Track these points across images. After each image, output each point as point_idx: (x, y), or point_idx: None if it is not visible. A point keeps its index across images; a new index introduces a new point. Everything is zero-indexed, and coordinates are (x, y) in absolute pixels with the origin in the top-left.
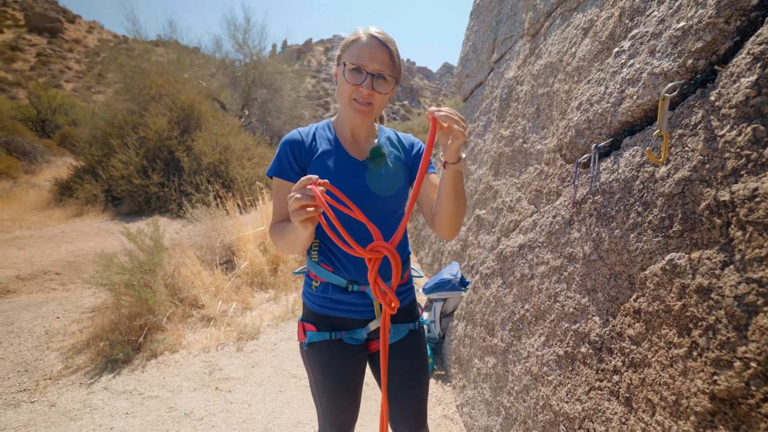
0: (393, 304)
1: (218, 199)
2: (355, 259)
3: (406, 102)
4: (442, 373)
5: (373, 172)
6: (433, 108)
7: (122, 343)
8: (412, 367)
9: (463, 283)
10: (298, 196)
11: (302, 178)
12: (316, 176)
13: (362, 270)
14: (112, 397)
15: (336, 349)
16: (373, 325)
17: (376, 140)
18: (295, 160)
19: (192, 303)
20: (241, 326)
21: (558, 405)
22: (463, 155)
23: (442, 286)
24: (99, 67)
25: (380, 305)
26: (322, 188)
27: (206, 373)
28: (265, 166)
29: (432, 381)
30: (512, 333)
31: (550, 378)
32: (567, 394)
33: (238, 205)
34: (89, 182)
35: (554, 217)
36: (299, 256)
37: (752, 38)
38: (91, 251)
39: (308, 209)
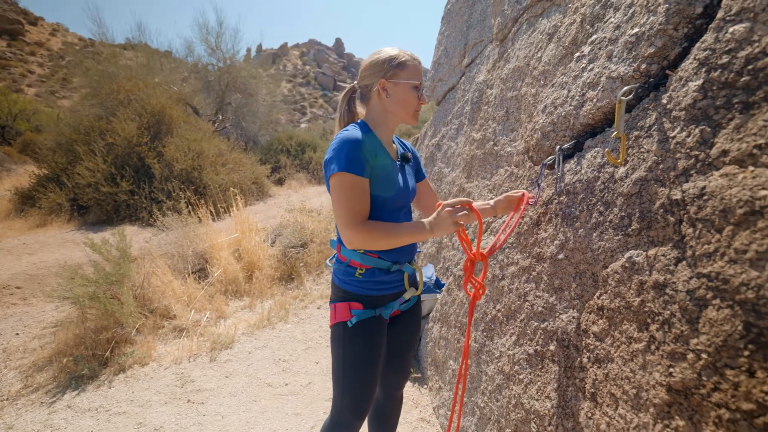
0: (482, 292)
1: (190, 207)
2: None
3: None
4: (419, 375)
5: (407, 173)
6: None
7: (87, 358)
8: (414, 330)
9: (438, 285)
10: (466, 212)
11: (461, 200)
12: (467, 198)
13: (404, 251)
14: (76, 416)
15: (377, 325)
16: (407, 295)
17: (393, 144)
18: (366, 161)
19: (163, 314)
20: (215, 336)
21: (529, 403)
22: None
23: None
24: (64, 71)
25: (409, 279)
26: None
27: (178, 386)
28: (240, 172)
29: (408, 384)
30: (485, 333)
31: (521, 377)
32: (537, 392)
33: (211, 212)
34: (53, 191)
35: (522, 218)
36: (276, 261)
37: (698, 44)
38: (55, 263)
39: (462, 222)
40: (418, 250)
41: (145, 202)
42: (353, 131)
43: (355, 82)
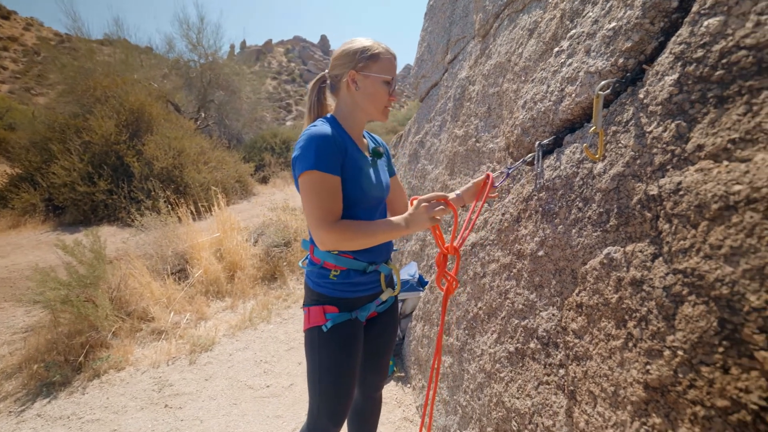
0: (455, 286)
1: (170, 206)
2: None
3: None
4: (402, 374)
5: (380, 168)
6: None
7: (60, 364)
8: (393, 331)
9: (421, 283)
10: (442, 207)
11: (436, 194)
12: (442, 193)
13: (380, 251)
14: (47, 425)
15: (353, 328)
16: (384, 296)
17: (364, 139)
18: (336, 157)
19: (141, 316)
20: (195, 338)
21: (510, 401)
22: None
23: (401, 287)
24: (39, 67)
25: (386, 279)
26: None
27: (155, 391)
28: (223, 171)
29: (392, 383)
30: (467, 331)
31: (502, 375)
32: (518, 390)
33: (192, 211)
34: (26, 191)
35: (503, 214)
36: (259, 261)
37: (673, 38)
38: (28, 266)
39: (438, 217)
40: (395, 249)
41: (124, 201)
42: (321, 126)
43: (326, 71)
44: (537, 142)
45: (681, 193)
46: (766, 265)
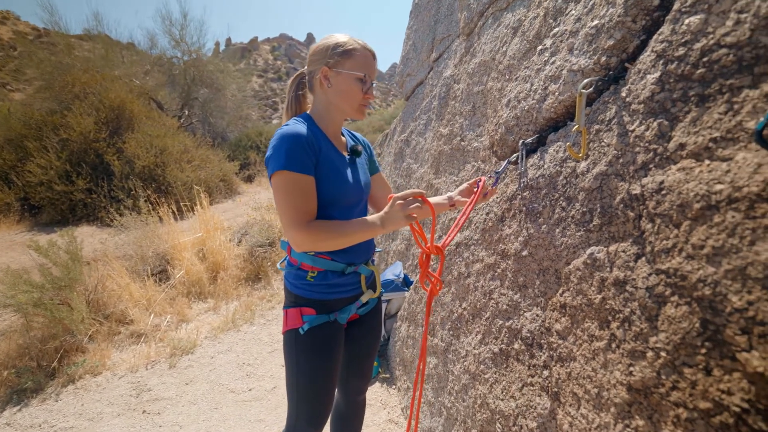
0: (439, 287)
1: (151, 205)
2: (358, 245)
3: None
4: (387, 376)
5: (358, 167)
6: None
7: (32, 370)
8: (376, 333)
9: (406, 283)
10: (418, 204)
11: (413, 191)
12: (419, 190)
13: (359, 252)
14: None
15: (332, 330)
16: (364, 298)
17: (343, 137)
18: (309, 157)
19: (119, 319)
20: (175, 340)
21: (494, 403)
22: None
23: (386, 287)
24: (15, 62)
25: (366, 280)
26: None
27: (133, 396)
28: (207, 169)
29: (377, 385)
30: (451, 332)
31: (486, 376)
32: (502, 392)
33: (174, 211)
34: (0, 190)
35: (487, 214)
36: (242, 261)
37: (655, 36)
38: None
39: (415, 215)
40: (378, 249)
41: (103, 201)
42: (294, 125)
43: (305, 68)
44: (521, 141)
45: (663, 192)
46: (748, 265)
